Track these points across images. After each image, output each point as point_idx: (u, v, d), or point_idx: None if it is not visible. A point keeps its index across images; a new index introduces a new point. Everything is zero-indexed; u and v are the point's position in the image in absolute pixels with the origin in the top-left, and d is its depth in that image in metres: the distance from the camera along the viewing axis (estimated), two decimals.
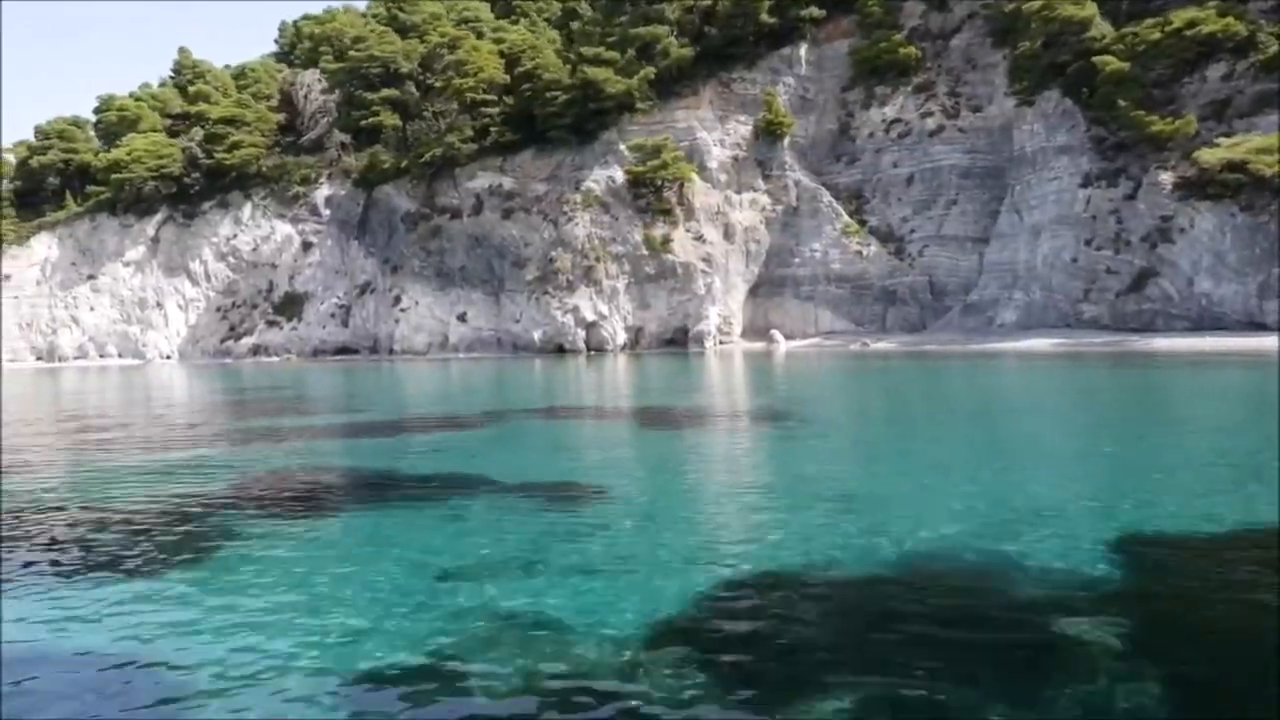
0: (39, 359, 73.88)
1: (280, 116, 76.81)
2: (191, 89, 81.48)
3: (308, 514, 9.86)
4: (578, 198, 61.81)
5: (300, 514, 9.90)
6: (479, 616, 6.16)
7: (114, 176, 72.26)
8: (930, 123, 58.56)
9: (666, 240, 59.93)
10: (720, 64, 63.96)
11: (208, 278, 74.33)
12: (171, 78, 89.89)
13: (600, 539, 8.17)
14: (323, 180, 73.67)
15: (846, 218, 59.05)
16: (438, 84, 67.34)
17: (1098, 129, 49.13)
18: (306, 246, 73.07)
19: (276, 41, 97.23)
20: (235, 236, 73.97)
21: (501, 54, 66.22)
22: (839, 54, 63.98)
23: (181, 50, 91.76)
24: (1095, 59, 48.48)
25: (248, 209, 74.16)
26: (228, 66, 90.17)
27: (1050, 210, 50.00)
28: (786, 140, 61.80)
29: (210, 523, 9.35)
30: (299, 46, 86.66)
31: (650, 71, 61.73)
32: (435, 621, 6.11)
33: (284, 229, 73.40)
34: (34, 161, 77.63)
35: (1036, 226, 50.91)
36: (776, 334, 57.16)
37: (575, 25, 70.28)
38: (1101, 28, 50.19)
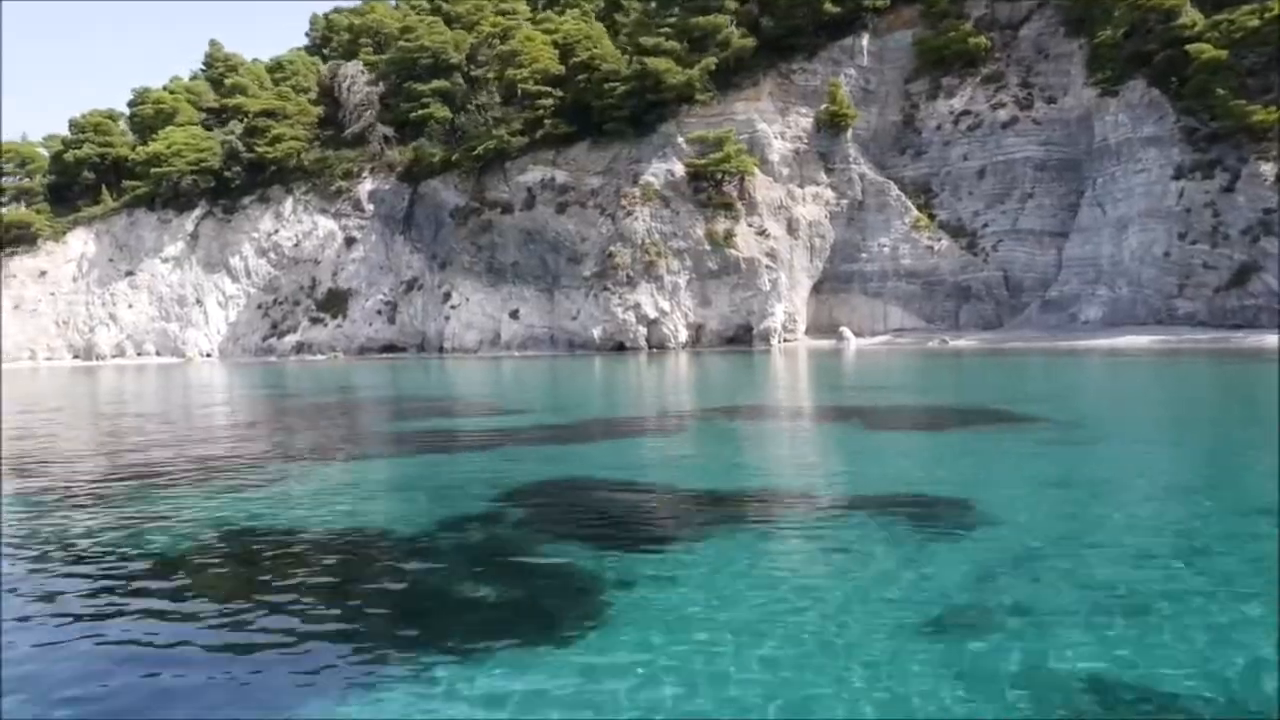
0: (76, 357, 72.25)
1: (319, 109, 75.19)
2: (227, 81, 79.75)
3: (662, 540, 8.30)
4: (636, 191, 60.24)
5: (650, 539, 8.36)
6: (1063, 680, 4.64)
7: (153, 170, 70.59)
8: (1002, 114, 57.05)
9: (729, 235, 58.38)
10: (780, 55, 62.41)
11: (248, 274, 72.72)
12: (203, 71, 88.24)
13: (1089, 571, 6.63)
14: (365, 174, 72.07)
15: (916, 211, 57.52)
16: (489, 75, 65.72)
17: (1188, 119, 47.68)
18: (350, 242, 71.46)
19: (307, 35, 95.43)
20: (276, 232, 72.36)
21: (555, 44, 64.57)
22: (901, 44, 62.53)
23: (212, 43, 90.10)
24: (1188, 47, 46.96)
25: (289, 204, 72.55)
26: (256, 60, 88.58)
27: (1138, 203, 48.52)
28: (849, 132, 60.29)
29: (577, 561, 7.76)
30: (335, 39, 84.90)
31: (711, 62, 60.14)
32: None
33: (326, 224, 71.80)
34: (69, 155, 75.90)
35: (1122, 220, 49.42)
36: (846, 331, 55.63)
37: (619, 17, 68.79)
38: (1191, 15, 48.68)
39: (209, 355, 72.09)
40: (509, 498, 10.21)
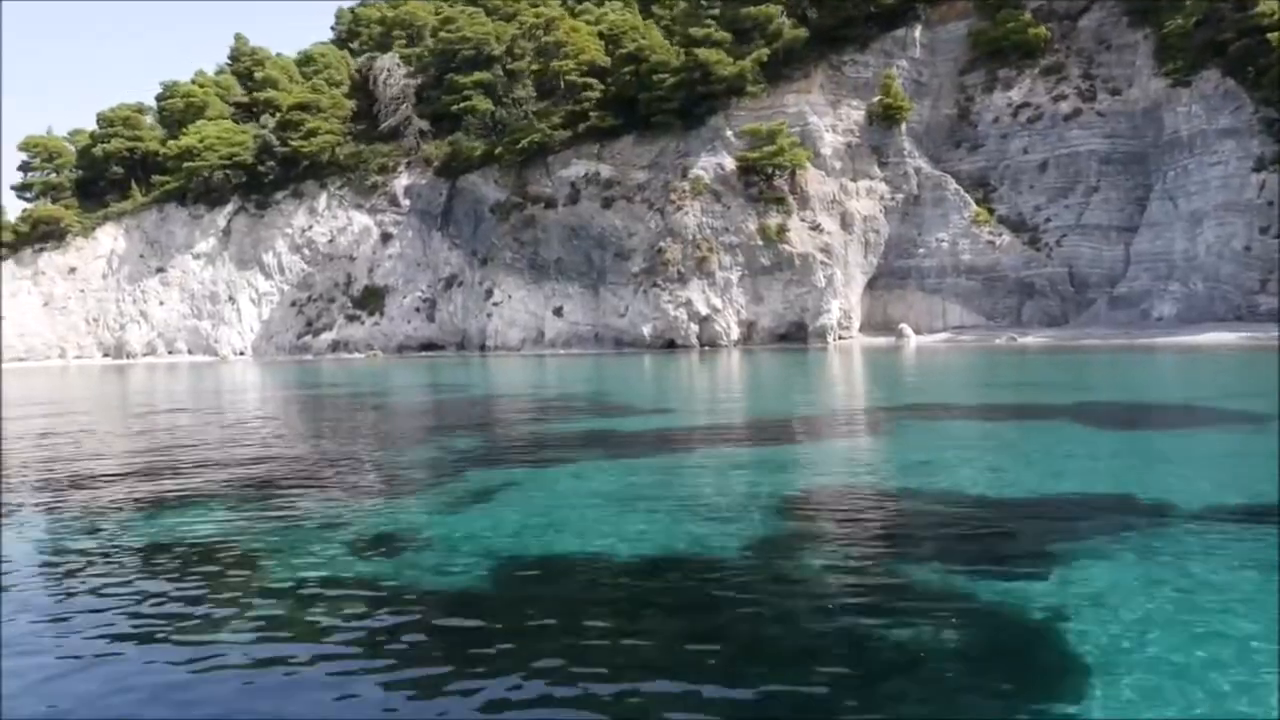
0: (106, 355, 70.88)
1: (352, 103, 73.80)
2: (257, 75, 78.36)
3: (1043, 558, 6.93)
4: (686, 185, 58.86)
5: (1028, 556, 7.00)
6: None
7: (185, 165, 69.19)
8: (1064, 106, 55.65)
9: (782, 230, 57.00)
10: (830, 46, 61.04)
11: (281, 270, 71.33)
12: (229, 65, 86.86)
13: None
14: (401, 169, 70.74)
15: (975, 206, 56.13)
16: (534, 67, 64.33)
17: (1267, 110, 46.26)
18: (386, 238, 70.10)
19: (333, 29, 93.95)
20: (310, 228, 70.99)
21: (599, 35, 63.18)
22: (954, 36, 61.21)
23: (238, 37, 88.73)
24: (1269, 35, 45.58)
25: (323, 199, 71.17)
26: (280, 55, 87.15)
27: (1214, 196, 47.12)
28: (903, 126, 58.93)
29: (976, 588, 6.41)
30: (364, 33, 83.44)
31: (764, 53, 58.79)
32: None
33: (361, 219, 70.44)
34: (97, 149, 74.50)
35: (1197, 214, 48.02)
36: (906, 328, 54.23)
37: (657, 9, 67.48)
38: (1269, 2, 47.28)
39: (242, 354, 70.72)
40: (790, 512, 8.86)
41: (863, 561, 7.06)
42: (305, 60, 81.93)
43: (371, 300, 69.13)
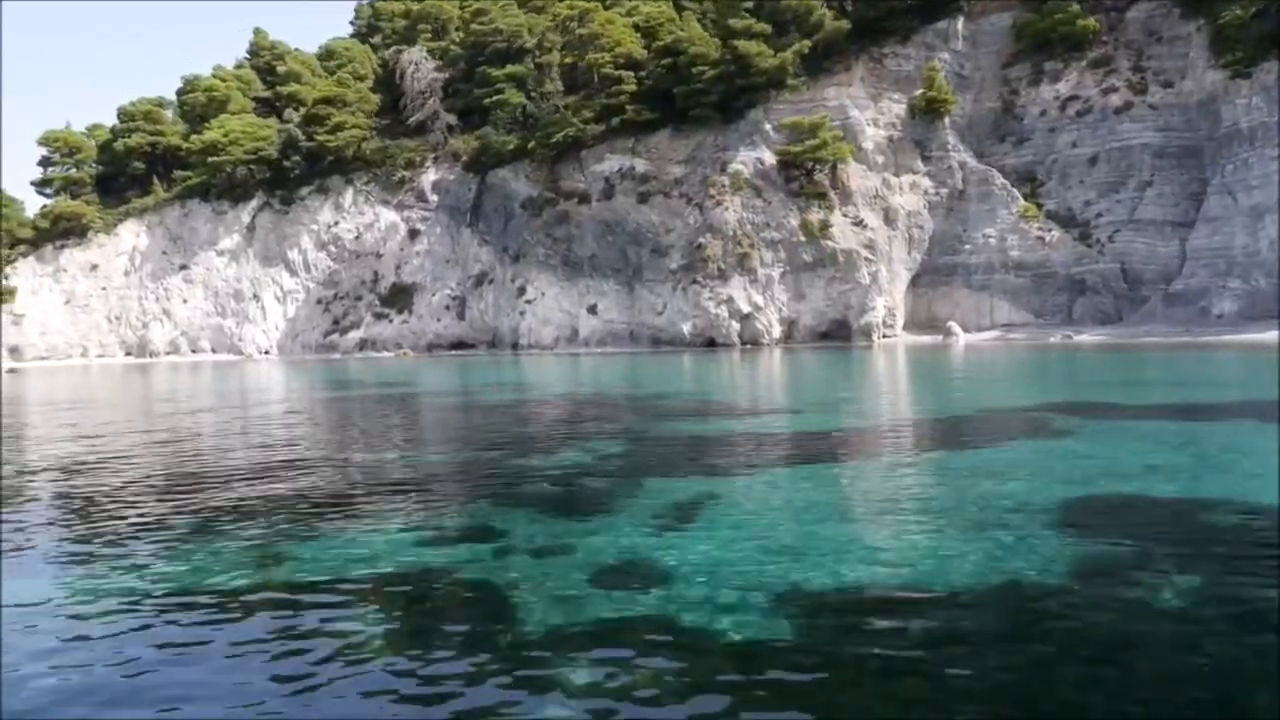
0: (129, 354, 69.63)
1: (376, 97, 72.57)
2: (280, 69, 77.12)
3: None
4: (725, 180, 57.64)
5: None
6: None
7: (209, 160, 67.92)
8: (1114, 99, 54.46)
9: (824, 226, 55.78)
10: (870, 39, 59.84)
11: (307, 268, 70.11)
12: (247, 59, 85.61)
13: None
14: (428, 164, 69.51)
15: (1023, 201, 54.94)
16: (566, 59, 63.09)
17: None
18: (413, 234, 68.88)
19: (352, 23, 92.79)
20: (336, 224, 69.75)
21: (636, 27, 61.94)
22: (996, 28, 60.07)
23: (257, 31, 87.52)
24: None
25: (349, 195, 69.92)
26: (297, 50, 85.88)
27: (1277, 191, 45.89)
28: (947, 119, 57.74)
29: None
30: (386, 26, 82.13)
31: (805, 45, 57.59)
32: None
33: (388, 216, 69.22)
34: (118, 144, 73.22)
35: (1258, 209, 46.81)
36: (954, 326, 53.01)
37: (688, 2, 66.25)
38: None
39: (267, 352, 69.49)
40: (1069, 523, 7.64)
41: (1211, 580, 5.86)
42: (326, 55, 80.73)
43: (400, 298, 67.90)
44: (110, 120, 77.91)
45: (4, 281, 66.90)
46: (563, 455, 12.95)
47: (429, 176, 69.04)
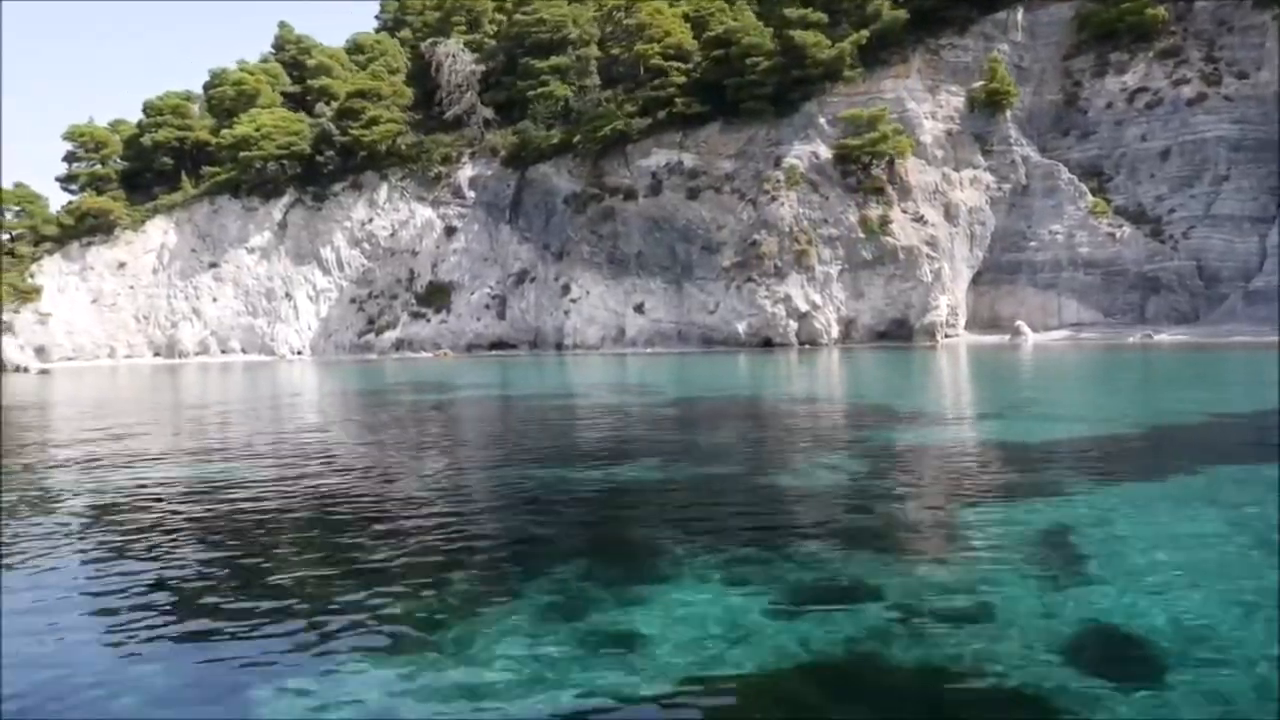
0: (157, 354, 67.69)
1: (411, 91, 70.66)
2: (309, 62, 75.28)
3: None
4: (780, 175, 55.84)
5: None
6: None
7: (241, 155, 66.01)
8: (1187, 91, 52.65)
9: (884, 222, 54.00)
10: (927, 29, 58.07)
11: (340, 266, 68.22)
12: (273, 53, 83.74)
13: None
14: (465, 159, 67.64)
15: (1091, 196, 53.13)
16: (614, 51, 61.25)
17: None
18: (450, 231, 67.02)
19: (378, 17, 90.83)
20: (370, 221, 67.86)
21: (685, 17, 60.12)
22: (1056, 19, 58.27)
23: (282, 25, 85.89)
24: None
25: (383, 191, 68.03)
26: (319, 46, 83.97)
27: None
28: (1008, 113, 55.97)
29: None
30: (416, 19, 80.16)
31: (863, 36, 55.83)
32: None
33: (424, 212, 67.34)
34: (145, 139, 71.30)
35: None
36: (1023, 326, 51.14)
37: None
38: None
39: (299, 353, 67.59)
40: None
41: None
42: (355, 48, 78.91)
43: (437, 297, 66.02)
44: (123, 117, 76.15)
45: (30, 279, 64.98)
46: (817, 477, 11.08)
47: (466, 172, 67.19)
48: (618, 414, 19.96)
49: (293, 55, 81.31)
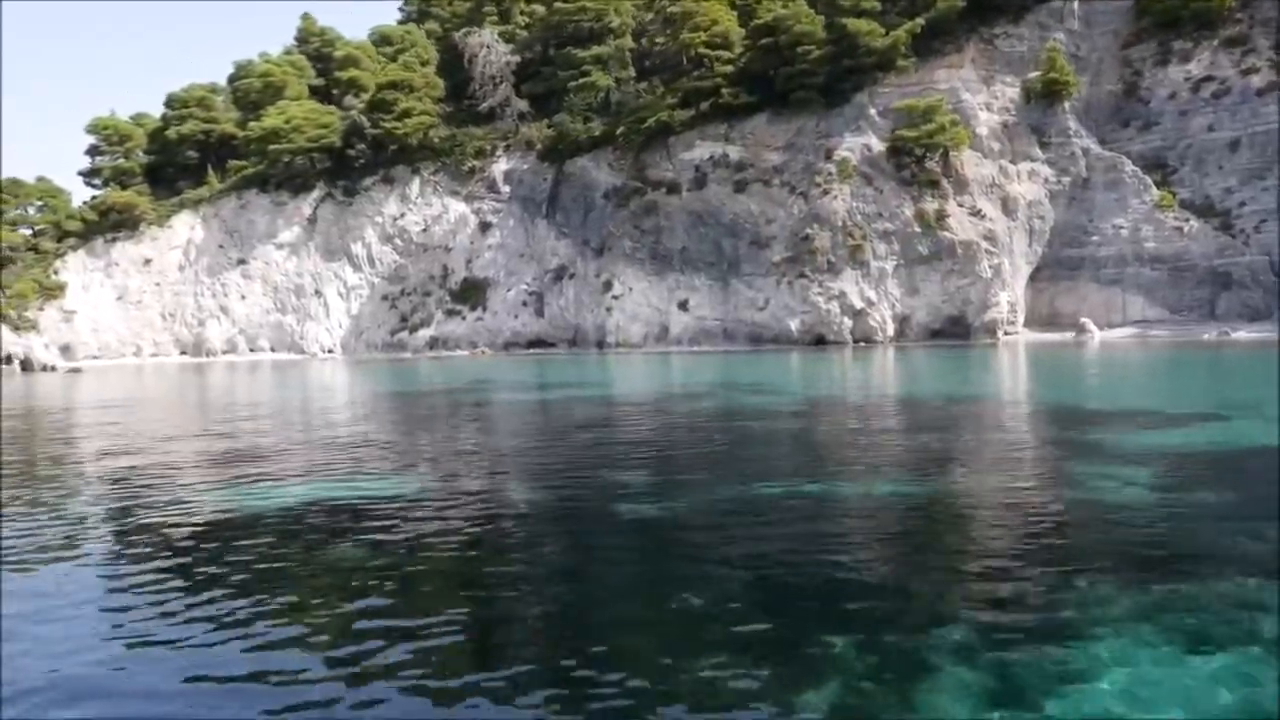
0: (184, 353, 65.94)
1: (442, 83, 68.89)
2: (337, 54, 73.50)
3: None
4: (832, 168, 54.16)
5: None
6: None
7: (270, 148, 64.24)
8: (1256, 80, 50.90)
9: (941, 216, 52.33)
10: (981, 18, 56.36)
11: (371, 262, 66.48)
12: (297, 46, 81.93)
13: None
14: (500, 153, 65.91)
15: (1156, 190, 51.42)
16: (658, 40, 59.53)
17: None
18: (485, 227, 65.28)
19: (401, 9, 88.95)
20: (402, 216, 66.11)
21: (731, 4, 58.37)
22: (1113, 7, 56.51)
23: (305, 17, 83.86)
24: None
25: (415, 185, 66.28)
26: (342, 39, 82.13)
27: None
28: (1066, 104, 54.26)
29: None
30: (442, 10, 78.24)
31: (917, 24, 54.11)
32: None
33: (458, 207, 65.60)
34: (170, 132, 69.53)
35: None
36: (1089, 324, 49.45)
37: None
38: None
39: (330, 351, 65.86)
40: None
41: None
42: (382, 40, 77.03)
43: (471, 294, 64.28)
44: (145, 110, 74.37)
45: (54, 276, 63.28)
46: (1106, 485, 9.39)
47: (500, 166, 65.47)
48: (807, 418, 18.18)
49: (317, 48, 79.52)
